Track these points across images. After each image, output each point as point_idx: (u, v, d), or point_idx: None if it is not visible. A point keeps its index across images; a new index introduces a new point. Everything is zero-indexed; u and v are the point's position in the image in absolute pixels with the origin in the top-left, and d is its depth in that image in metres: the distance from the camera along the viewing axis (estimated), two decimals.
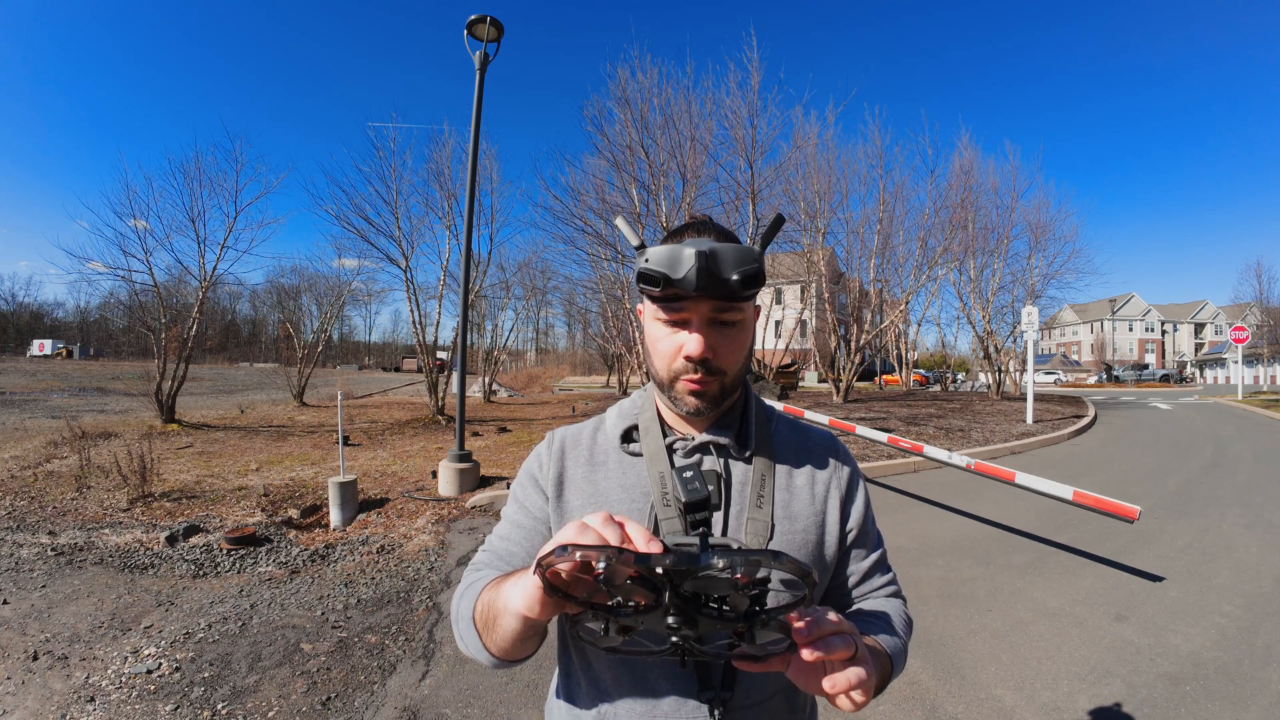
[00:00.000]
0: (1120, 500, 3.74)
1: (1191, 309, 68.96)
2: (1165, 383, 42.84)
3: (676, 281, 0.66)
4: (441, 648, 2.97)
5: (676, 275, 0.66)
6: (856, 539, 0.83)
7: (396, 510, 5.29)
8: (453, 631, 0.73)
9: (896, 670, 0.74)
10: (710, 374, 0.73)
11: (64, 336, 61.07)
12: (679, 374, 0.74)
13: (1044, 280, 19.85)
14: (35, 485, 5.92)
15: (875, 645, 0.71)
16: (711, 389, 0.74)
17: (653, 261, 0.67)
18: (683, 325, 0.72)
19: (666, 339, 0.74)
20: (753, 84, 13.80)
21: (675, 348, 0.73)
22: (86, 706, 2.44)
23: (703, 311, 0.70)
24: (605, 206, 14.35)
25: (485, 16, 6.14)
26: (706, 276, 0.65)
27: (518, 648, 0.64)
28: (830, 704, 0.58)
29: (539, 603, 0.52)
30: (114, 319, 30.29)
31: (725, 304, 0.70)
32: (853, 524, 0.83)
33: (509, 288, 19.95)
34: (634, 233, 0.73)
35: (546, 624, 0.60)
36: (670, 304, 0.71)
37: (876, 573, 0.85)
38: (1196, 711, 2.46)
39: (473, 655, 0.69)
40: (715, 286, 0.66)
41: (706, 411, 0.76)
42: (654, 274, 0.67)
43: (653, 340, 0.76)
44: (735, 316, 0.72)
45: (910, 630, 0.83)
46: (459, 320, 7.44)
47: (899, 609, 0.83)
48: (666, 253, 0.67)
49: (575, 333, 47.62)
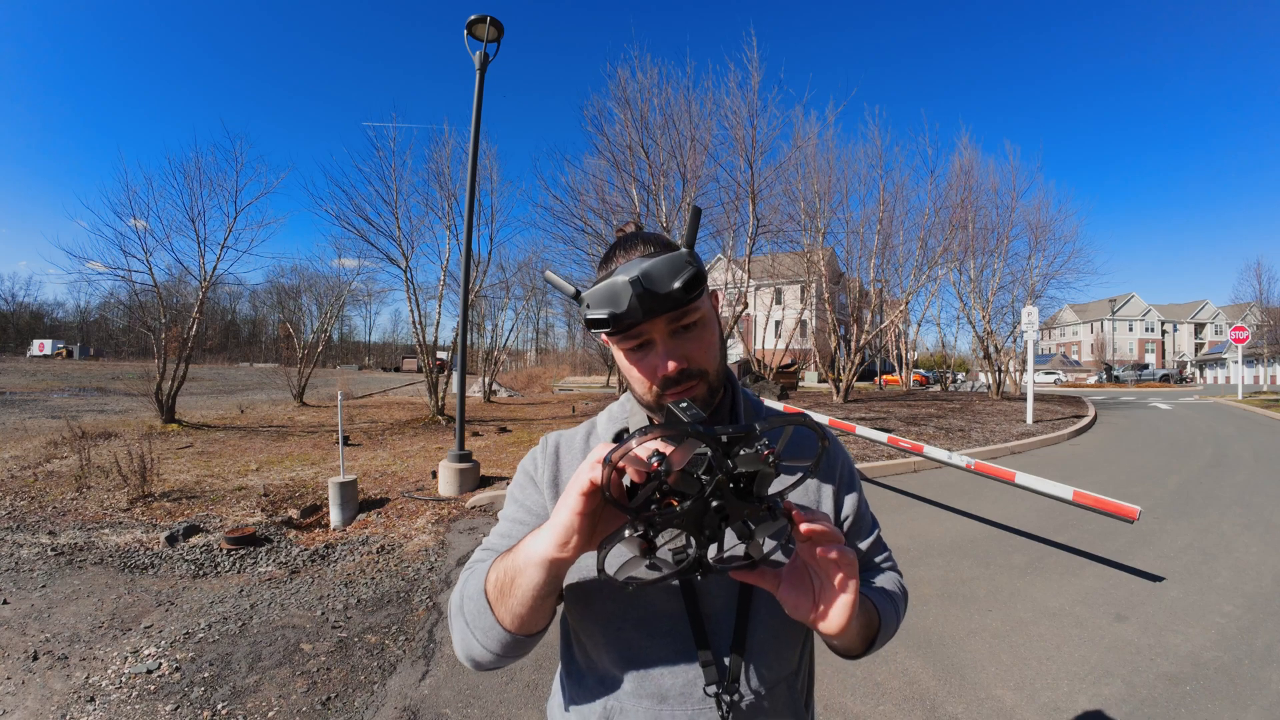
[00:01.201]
0: (1120, 500, 3.73)
1: (1191, 309, 68.96)
2: (1165, 383, 42.87)
3: (622, 315, 0.66)
4: (441, 648, 2.97)
5: (620, 309, 0.66)
6: (853, 525, 0.86)
7: (396, 510, 5.29)
8: (450, 631, 0.73)
9: (884, 626, 0.76)
10: (692, 378, 0.73)
11: (64, 336, 61.02)
12: (661, 393, 0.74)
13: (1044, 280, 19.90)
14: (35, 485, 5.92)
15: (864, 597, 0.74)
16: (699, 392, 0.74)
17: (593, 306, 0.67)
18: (647, 346, 0.72)
19: (638, 364, 0.73)
20: (753, 84, 13.82)
21: (649, 371, 0.73)
22: (86, 706, 2.44)
23: (659, 328, 0.70)
24: (605, 206, 14.39)
25: (485, 16, 6.14)
26: (649, 300, 0.65)
27: (535, 610, 0.62)
28: (815, 630, 0.62)
29: (575, 531, 0.54)
30: (114, 319, 30.31)
31: (678, 313, 0.70)
32: (848, 511, 0.85)
33: (509, 288, 19.94)
34: (566, 284, 0.74)
35: (564, 576, 0.61)
36: (626, 336, 0.71)
37: (874, 554, 0.89)
38: (1196, 711, 2.46)
39: (478, 642, 0.67)
40: (660, 304, 0.66)
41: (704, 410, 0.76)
42: (599, 319, 0.67)
43: (626, 369, 0.76)
44: (693, 318, 0.72)
45: (905, 600, 0.87)
46: (459, 320, 7.44)
47: (894, 579, 0.87)
48: (603, 292, 0.67)
49: (575, 333, 47.59)
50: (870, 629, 0.73)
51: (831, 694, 2.57)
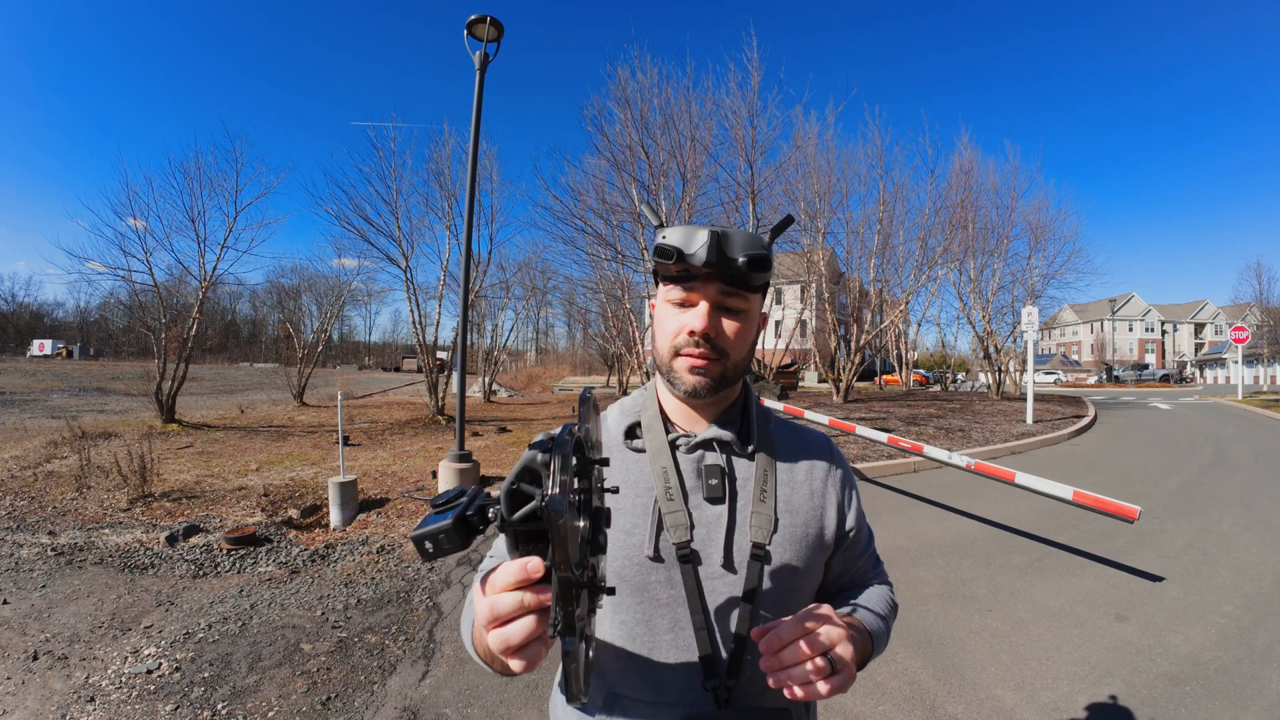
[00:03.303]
0: (1120, 500, 3.73)
1: (1191, 309, 68.95)
2: (1165, 383, 42.85)
3: (689, 257, 0.71)
4: (441, 648, 2.97)
5: (689, 250, 0.72)
6: (854, 539, 0.86)
7: (396, 510, 5.29)
8: (456, 632, 0.74)
9: (878, 648, 0.79)
10: (713, 351, 0.75)
11: (64, 336, 61.04)
12: (680, 348, 0.76)
13: (1044, 280, 19.91)
14: (35, 485, 5.92)
15: (856, 623, 0.77)
16: (713, 370, 0.76)
17: (670, 238, 0.73)
18: (690, 306, 0.76)
19: (673, 318, 0.77)
20: (753, 84, 13.81)
21: (680, 325, 0.76)
22: (86, 706, 2.44)
23: (711, 294, 0.74)
24: (605, 206, 14.38)
25: (485, 16, 6.13)
26: (717, 254, 0.71)
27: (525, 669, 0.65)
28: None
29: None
30: (114, 319, 30.32)
31: (733, 290, 0.74)
32: (851, 524, 0.86)
33: (509, 288, 19.91)
34: (654, 214, 0.80)
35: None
36: (682, 282, 0.75)
37: (869, 567, 0.91)
38: (1196, 711, 2.46)
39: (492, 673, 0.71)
40: (724, 265, 0.71)
41: (704, 394, 0.77)
42: (669, 248, 0.72)
43: (658, 322, 0.80)
44: (741, 305, 0.76)
45: (894, 612, 0.89)
46: (459, 320, 7.44)
47: (884, 595, 0.89)
48: (683, 231, 0.73)
49: (575, 333, 47.67)
50: (864, 655, 0.75)
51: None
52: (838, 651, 0.64)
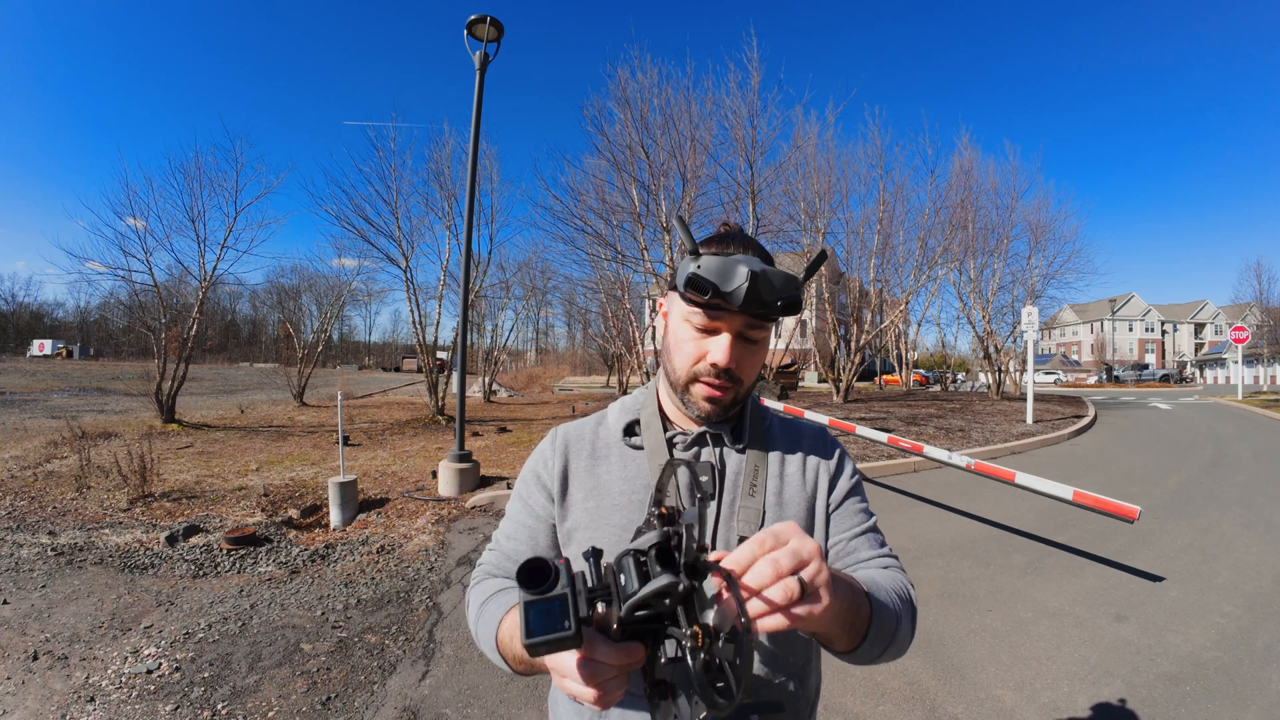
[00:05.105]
0: (1120, 500, 3.74)
1: (1191, 309, 68.95)
2: (1165, 383, 42.86)
3: (724, 294, 0.69)
4: (441, 648, 2.97)
5: (726, 288, 0.69)
6: (839, 507, 0.84)
7: (396, 510, 5.29)
8: (465, 631, 0.74)
9: (877, 613, 0.65)
10: (730, 381, 0.76)
11: (64, 336, 60.98)
12: (699, 376, 0.76)
13: (1044, 280, 19.89)
14: (35, 485, 5.92)
15: (849, 579, 0.64)
16: (727, 397, 0.77)
17: (705, 270, 0.69)
18: (712, 333, 0.75)
19: (692, 342, 0.76)
20: (753, 84, 13.80)
21: (700, 352, 0.76)
22: (86, 706, 2.44)
23: (735, 325, 0.73)
24: (605, 206, 14.38)
25: (485, 16, 6.14)
26: (754, 297, 0.69)
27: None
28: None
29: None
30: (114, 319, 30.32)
31: (758, 322, 0.74)
32: (836, 494, 0.84)
33: (509, 288, 19.89)
34: (689, 236, 0.73)
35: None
36: (710, 311, 0.73)
37: (866, 545, 0.81)
38: (1196, 711, 2.46)
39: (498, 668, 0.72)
40: (759, 307, 0.70)
41: (717, 418, 0.79)
42: (705, 283, 0.69)
43: (676, 339, 0.78)
44: (760, 334, 0.77)
45: (909, 602, 0.75)
46: (459, 320, 7.44)
47: (896, 578, 0.77)
48: (720, 264, 0.69)
49: (575, 333, 47.67)
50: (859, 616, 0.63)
51: (832, 694, 2.57)
52: (809, 573, 0.50)
